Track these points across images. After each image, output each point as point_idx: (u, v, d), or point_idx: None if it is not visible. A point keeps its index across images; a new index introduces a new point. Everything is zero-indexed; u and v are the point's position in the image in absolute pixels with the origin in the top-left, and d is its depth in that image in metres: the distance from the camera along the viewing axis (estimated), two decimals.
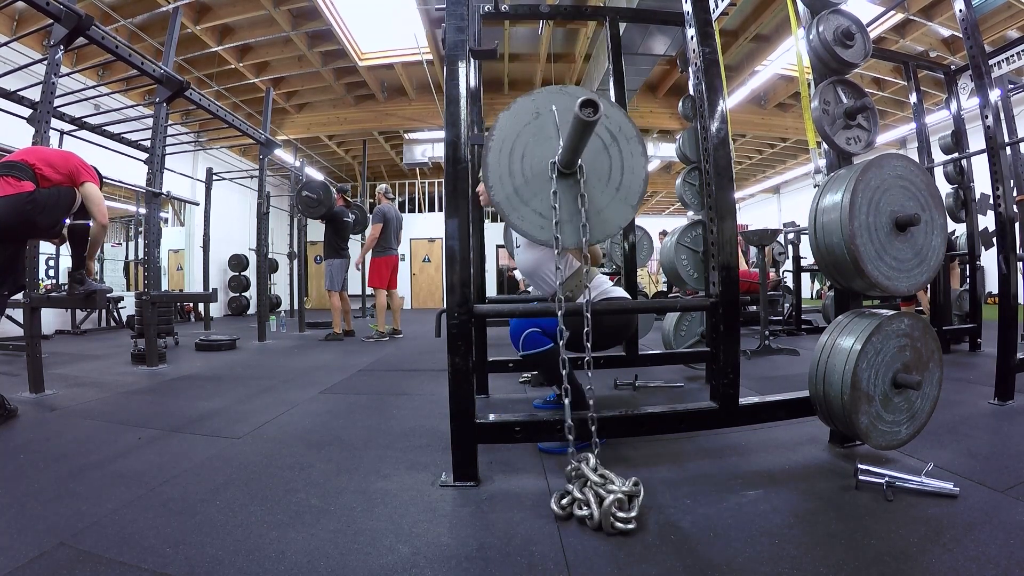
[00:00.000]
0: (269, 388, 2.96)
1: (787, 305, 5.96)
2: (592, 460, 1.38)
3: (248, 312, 10.22)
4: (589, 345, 1.46)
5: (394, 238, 5.55)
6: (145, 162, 4.06)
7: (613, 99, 2.78)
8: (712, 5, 2.87)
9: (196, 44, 7.04)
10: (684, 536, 1.17)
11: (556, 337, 1.49)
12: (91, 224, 2.51)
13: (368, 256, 5.63)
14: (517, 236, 2.12)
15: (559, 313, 1.49)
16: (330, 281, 5.61)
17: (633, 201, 1.50)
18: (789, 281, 6.06)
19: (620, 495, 1.23)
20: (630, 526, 1.18)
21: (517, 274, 9.54)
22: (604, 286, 2.01)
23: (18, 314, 4.23)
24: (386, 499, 1.39)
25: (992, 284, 3.92)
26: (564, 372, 1.46)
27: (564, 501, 1.30)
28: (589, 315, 1.47)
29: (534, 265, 2.05)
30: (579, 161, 1.42)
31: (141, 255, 7.38)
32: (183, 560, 1.09)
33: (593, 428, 1.45)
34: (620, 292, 2.08)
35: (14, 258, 2.27)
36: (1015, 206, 2.59)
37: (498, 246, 14.48)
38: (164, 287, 8.67)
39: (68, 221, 2.59)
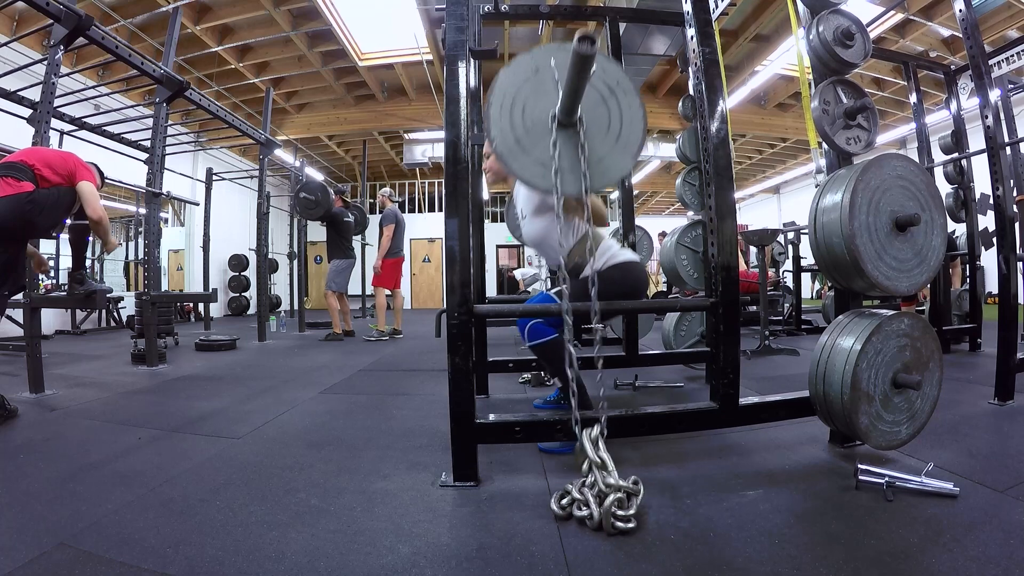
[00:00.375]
0: (269, 388, 2.96)
1: (787, 305, 5.96)
2: (595, 431, 1.37)
3: (248, 312, 10.22)
4: (597, 317, 1.44)
5: (402, 239, 5.57)
6: (145, 162, 4.06)
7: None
8: (712, 5, 2.87)
9: (196, 44, 7.04)
10: (684, 536, 1.17)
11: (564, 326, 1.48)
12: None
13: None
14: (521, 207, 2.08)
15: (564, 308, 1.48)
16: (332, 280, 5.58)
17: (632, 150, 1.51)
18: (789, 281, 6.07)
19: (620, 494, 1.23)
20: (630, 525, 1.18)
21: (517, 274, 9.53)
22: (612, 250, 1.93)
23: (18, 314, 4.23)
24: (386, 499, 1.39)
25: (992, 284, 3.92)
26: (571, 371, 1.44)
27: (564, 501, 1.30)
28: (595, 295, 1.46)
29: (541, 234, 1.99)
30: (579, 111, 1.43)
31: (141, 255, 7.38)
32: (183, 560, 1.09)
33: (603, 406, 1.43)
34: (630, 255, 1.97)
35: (14, 258, 2.27)
36: (1015, 206, 2.59)
37: (498, 246, 14.51)
38: (164, 287, 8.66)
39: (69, 221, 2.60)
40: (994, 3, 6.16)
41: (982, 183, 3.30)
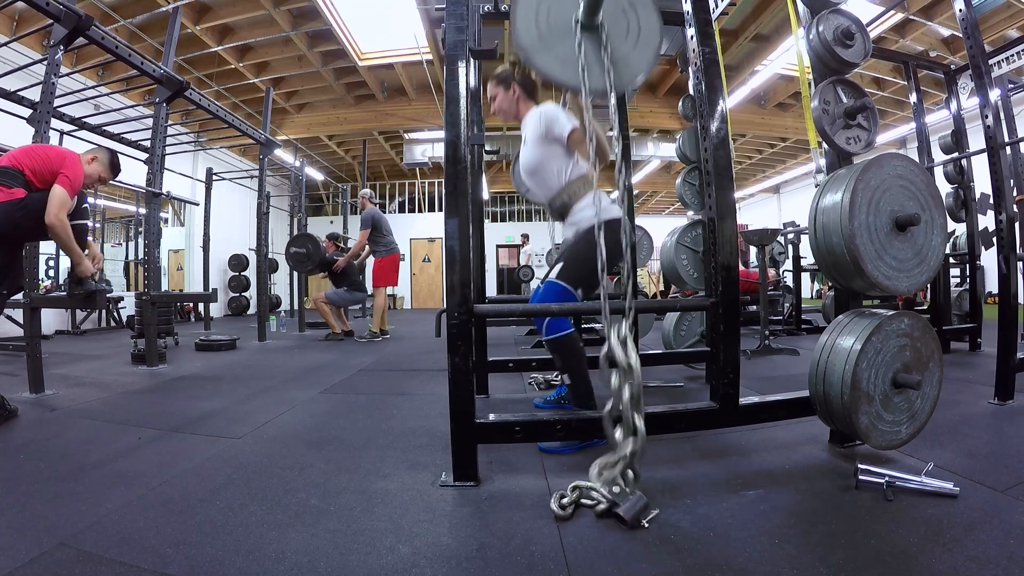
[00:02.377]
0: (269, 388, 2.96)
1: (787, 305, 5.96)
2: (624, 329, 1.36)
3: (248, 312, 10.22)
4: (604, 273, 1.46)
5: (391, 236, 5.56)
6: (145, 162, 4.06)
7: (613, 99, 2.77)
8: (712, 5, 2.87)
9: (196, 44, 7.04)
10: (684, 536, 1.17)
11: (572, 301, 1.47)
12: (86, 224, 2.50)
13: (369, 259, 5.63)
14: (526, 134, 2.01)
15: (575, 295, 1.48)
16: (333, 296, 5.54)
17: (651, 52, 1.57)
18: (789, 281, 6.07)
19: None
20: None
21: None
22: (603, 203, 1.80)
23: (18, 314, 4.24)
24: (386, 499, 1.39)
25: (992, 284, 3.92)
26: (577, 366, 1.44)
27: (564, 501, 1.30)
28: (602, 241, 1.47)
29: (538, 162, 1.95)
30: (600, 15, 1.48)
31: (141, 255, 7.38)
32: (183, 560, 1.09)
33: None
34: (617, 212, 1.87)
35: (11, 261, 2.27)
36: (1015, 206, 2.59)
37: (498, 246, 14.51)
38: (164, 287, 8.66)
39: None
40: (994, 3, 6.16)
41: (982, 183, 3.30)
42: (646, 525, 1.19)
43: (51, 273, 6.65)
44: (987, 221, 5.44)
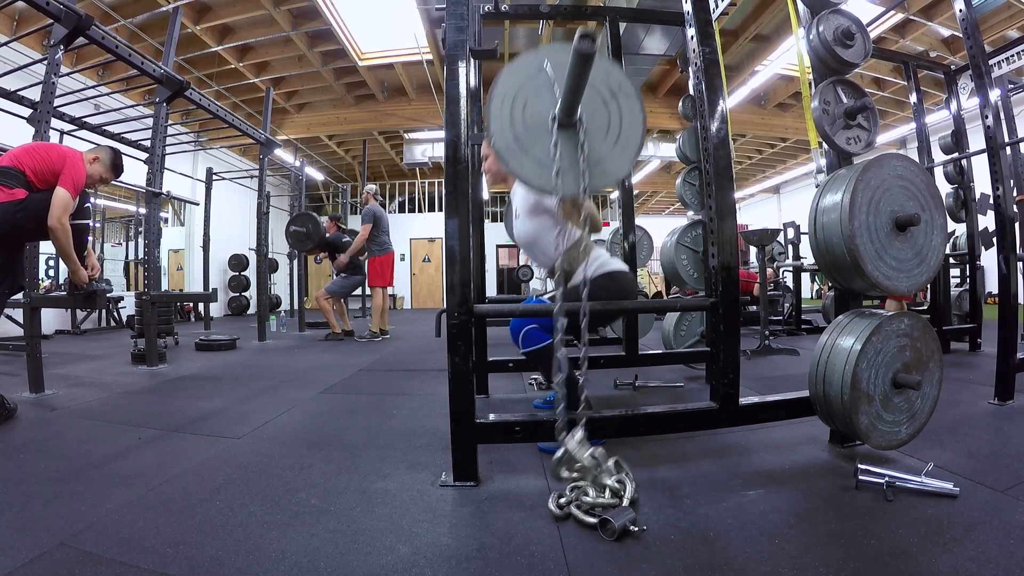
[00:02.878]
0: (269, 388, 2.96)
1: (787, 305, 5.96)
2: (580, 434, 1.33)
3: (248, 312, 10.22)
4: (585, 324, 1.43)
5: (388, 236, 5.57)
6: (145, 162, 4.06)
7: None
8: (712, 5, 2.87)
9: (196, 44, 7.04)
10: (684, 536, 1.17)
11: (554, 332, 1.48)
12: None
13: (363, 258, 5.62)
14: (516, 206, 2.09)
15: (557, 303, 1.47)
16: (333, 288, 5.55)
17: (631, 153, 1.51)
18: (789, 281, 6.07)
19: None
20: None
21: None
22: (603, 259, 1.96)
23: (18, 314, 4.24)
24: (386, 499, 1.39)
25: (992, 284, 3.92)
26: (562, 371, 1.44)
27: (562, 501, 1.30)
28: (586, 297, 1.45)
29: (533, 235, 2.00)
30: (579, 112, 1.43)
31: (141, 255, 7.38)
32: (183, 560, 1.09)
33: (582, 420, 1.39)
34: (619, 264, 1.99)
35: (11, 261, 2.26)
36: (1015, 206, 2.59)
37: (498, 246, 14.51)
38: (164, 287, 8.66)
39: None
40: (994, 3, 6.16)
41: (982, 183, 3.30)
42: (634, 530, 1.18)
43: (51, 273, 6.65)
44: (987, 221, 5.44)
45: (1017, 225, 2.61)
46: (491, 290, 13.49)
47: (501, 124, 1.44)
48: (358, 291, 6.52)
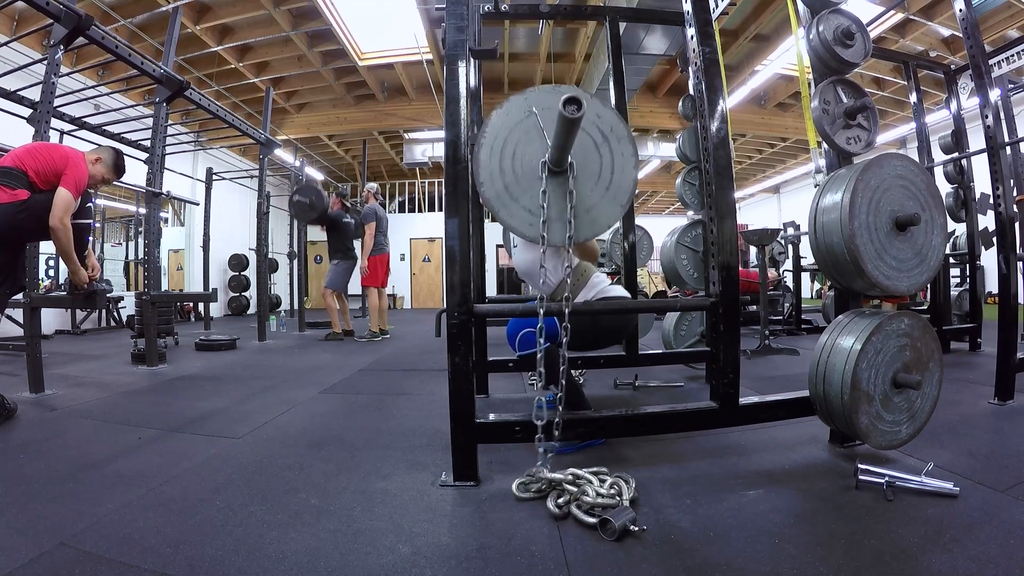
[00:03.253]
0: (269, 388, 2.96)
1: (787, 305, 5.96)
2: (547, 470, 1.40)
3: (248, 312, 10.21)
4: (566, 341, 1.45)
5: (386, 236, 5.56)
6: (145, 162, 4.06)
7: (613, 99, 2.77)
8: (712, 5, 2.87)
9: (196, 44, 7.04)
10: (684, 536, 1.17)
11: (556, 336, 1.49)
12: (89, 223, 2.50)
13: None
14: (514, 236, 2.12)
15: (565, 311, 1.48)
16: (332, 280, 5.54)
17: (623, 200, 1.51)
18: (789, 281, 6.07)
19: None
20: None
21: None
22: (602, 285, 2.00)
23: (18, 314, 4.23)
24: (386, 499, 1.39)
25: (992, 284, 3.92)
26: (562, 370, 1.45)
27: (560, 500, 1.30)
28: (568, 319, 1.47)
29: (531, 265, 2.04)
30: (569, 159, 1.42)
31: (141, 255, 7.38)
32: (183, 560, 1.09)
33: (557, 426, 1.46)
34: (619, 291, 2.07)
35: (12, 261, 2.26)
36: (1015, 206, 2.59)
37: (498, 246, 14.47)
38: (164, 287, 8.66)
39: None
40: (994, 3, 6.16)
41: (982, 183, 3.30)
42: (634, 529, 1.18)
43: (51, 273, 6.65)
44: (987, 221, 5.44)
45: (1017, 225, 2.61)
46: (491, 290, 13.47)
47: (490, 173, 1.45)
48: (358, 291, 6.50)
